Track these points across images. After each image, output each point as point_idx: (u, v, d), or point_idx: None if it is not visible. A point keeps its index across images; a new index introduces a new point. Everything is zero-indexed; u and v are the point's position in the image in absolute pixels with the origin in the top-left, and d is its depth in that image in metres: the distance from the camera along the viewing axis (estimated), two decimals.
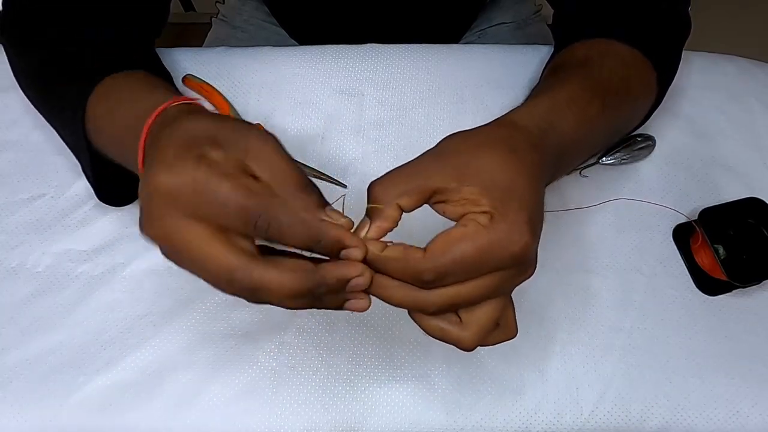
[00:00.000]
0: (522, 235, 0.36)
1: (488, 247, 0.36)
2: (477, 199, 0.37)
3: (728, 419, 0.52)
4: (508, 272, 0.37)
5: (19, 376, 0.52)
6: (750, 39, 1.62)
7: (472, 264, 0.36)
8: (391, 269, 0.37)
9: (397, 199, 0.38)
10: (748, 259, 0.54)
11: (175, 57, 0.66)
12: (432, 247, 0.36)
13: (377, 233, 0.38)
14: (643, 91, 0.54)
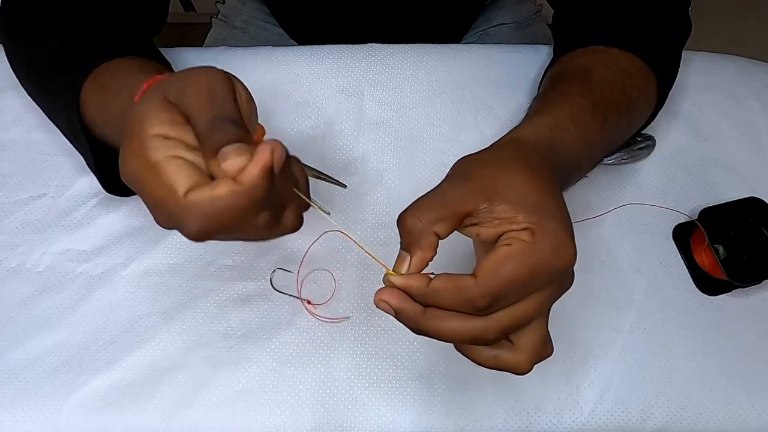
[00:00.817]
0: (567, 247, 0.36)
1: (538, 263, 0.35)
2: (512, 216, 0.36)
3: (728, 419, 0.52)
4: (555, 285, 0.37)
5: (19, 376, 0.52)
6: (750, 39, 1.63)
7: (525, 282, 0.35)
8: (444, 300, 0.36)
9: (433, 227, 0.37)
10: (748, 259, 0.54)
11: (175, 57, 0.66)
12: (481, 271, 0.35)
13: (419, 265, 0.37)
14: (643, 100, 0.54)
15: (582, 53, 0.54)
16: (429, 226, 0.37)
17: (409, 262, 0.37)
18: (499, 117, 0.64)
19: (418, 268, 0.37)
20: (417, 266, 0.37)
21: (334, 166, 0.61)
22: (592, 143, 0.48)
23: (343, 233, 0.43)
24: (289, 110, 0.64)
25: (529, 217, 0.36)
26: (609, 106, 0.49)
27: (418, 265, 0.37)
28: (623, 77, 0.52)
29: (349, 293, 0.55)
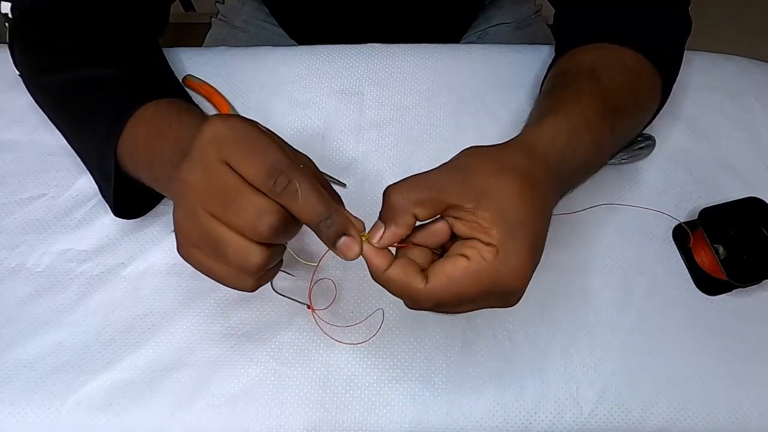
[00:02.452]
0: (524, 272, 0.37)
1: (492, 284, 0.37)
2: (488, 227, 0.37)
3: (728, 419, 0.52)
4: (499, 300, 0.39)
5: (19, 376, 0.52)
6: (750, 39, 1.62)
7: (471, 298, 0.37)
8: (393, 290, 0.38)
9: (413, 208, 0.38)
10: (748, 259, 0.54)
11: (175, 57, 0.66)
12: (433, 279, 0.37)
13: (390, 239, 0.38)
14: (649, 99, 0.54)
15: (588, 50, 0.53)
16: (410, 206, 0.38)
17: (382, 233, 0.38)
18: (499, 117, 0.64)
19: (389, 241, 0.38)
20: (388, 240, 0.38)
21: (334, 166, 0.61)
22: (602, 146, 0.48)
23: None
24: (289, 110, 0.64)
25: (501, 236, 0.37)
26: (618, 108, 0.49)
27: (390, 239, 0.38)
28: (631, 77, 0.52)
29: (349, 292, 0.55)
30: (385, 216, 0.39)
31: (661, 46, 0.54)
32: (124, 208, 0.53)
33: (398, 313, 0.54)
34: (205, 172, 0.35)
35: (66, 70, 0.52)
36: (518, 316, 0.55)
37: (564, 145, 0.44)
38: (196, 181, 0.36)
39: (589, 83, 0.50)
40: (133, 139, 0.47)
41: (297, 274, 0.54)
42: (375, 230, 0.39)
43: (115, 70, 0.52)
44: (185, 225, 0.37)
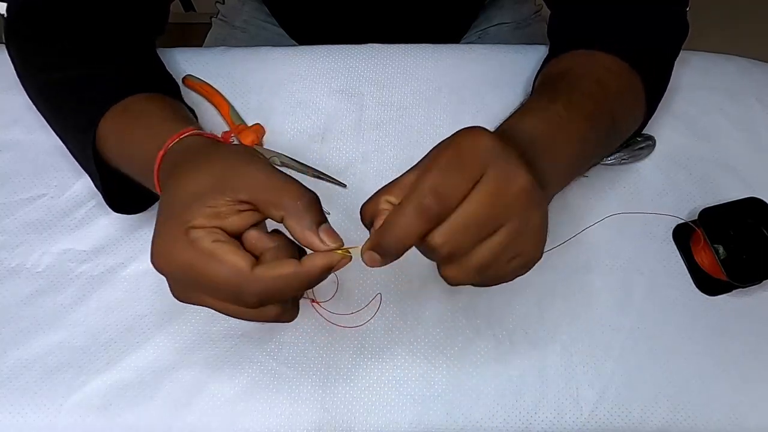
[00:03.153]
0: (519, 171, 0.36)
1: (455, 146, 0.37)
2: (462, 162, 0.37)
3: (728, 419, 0.52)
4: (496, 172, 0.36)
5: (18, 376, 0.51)
6: (750, 39, 1.62)
7: (455, 167, 0.36)
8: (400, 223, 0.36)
9: (383, 195, 0.39)
10: (748, 259, 0.54)
11: (175, 57, 0.66)
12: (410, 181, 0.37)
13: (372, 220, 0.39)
14: (628, 94, 0.54)
15: (564, 58, 0.55)
16: (379, 197, 0.39)
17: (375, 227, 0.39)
18: (499, 117, 0.63)
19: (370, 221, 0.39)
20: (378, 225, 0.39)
21: (334, 166, 0.61)
22: (560, 121, 0.47)
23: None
24: (289, 110, 0.64)
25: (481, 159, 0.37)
26: (574, 91, 0.49)
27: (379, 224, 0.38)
28: (599, 72, 0.52)
29: (350, 293, 0.55)
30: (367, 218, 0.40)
31: (641, 49, 0.54)
32: (123, 203, 0.53)
33: (398, 313, 0.54)
34: (183, 293, 0.39)
35: (57, 69, 0.52)
36: (518, 316, 0.55)
37: (514, 121, 0.46)
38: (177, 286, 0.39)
39: (552, 83, 0.52)
40: (111, 135, 0.48)
41: None
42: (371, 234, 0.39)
43: (101, 67, 0.52)
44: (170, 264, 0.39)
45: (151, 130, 0.46)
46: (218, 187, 0.38)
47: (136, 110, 0.49)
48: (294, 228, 0.38)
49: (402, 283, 0.56)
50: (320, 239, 0.38)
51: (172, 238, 0.37)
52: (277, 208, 0.38)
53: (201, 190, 0.38)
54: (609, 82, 0.52)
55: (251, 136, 0.60)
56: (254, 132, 0.61)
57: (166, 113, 0.48)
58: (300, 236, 0.38)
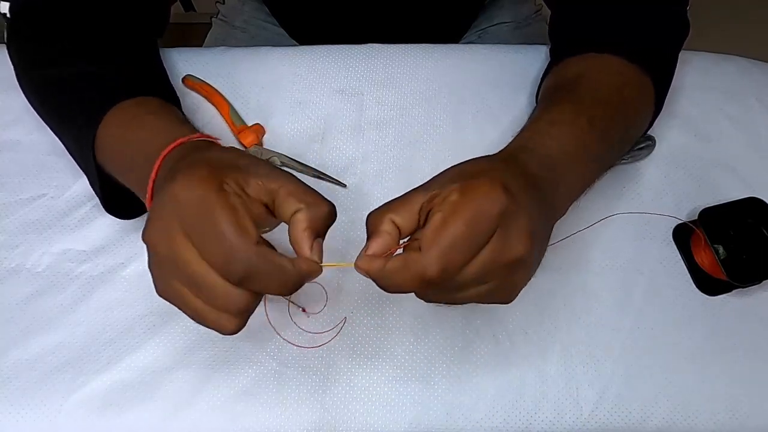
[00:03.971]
0: (496, 192, 0.37)
1: (471, 213, 0.36)
2: (450, 188, 0.38)
3: (728, 419, 0.52)
4: (501, 234, 0.37)
5: (19, 376, 0.51)
6: (750, 39, 1.62)
7: (466, 236, 0.36)
8: (398, 279, 0.38)
9: (388, 214, 0.39)
10: (748, 259, 0.54)
11: (175, 57, 0.66)
12: (423, 241, 0.37)
13: (376, 248, 0.39)
14: (639, 98, 0.54)
15: (573, 62, 0.54)
16: (385, 215, 0.39)
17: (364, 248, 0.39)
18: (499, 117, 0.64)
19: (375, 251, 0.39)
20: (374, 250, 0.39)
21: (334, 166, 0.61)
22: (583, 139, 0.47)
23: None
24: (289, 110, 0.64)
25: (459, 181, 0.38)
26: (596, 103, 0.50)
27: (375, 249, 0.39)
28: (613, 77, 0.52)
29: (350, 293, 0.55)
30: (368, 232, 0.40)
31: (648, 49, 0.54)
32: (117, 207, 0.53)
33: (399, 313, 0.54)
34: (168, 247, 0.36)
35: (57, 68, 0.52)
36: (518, 316, 0.55)
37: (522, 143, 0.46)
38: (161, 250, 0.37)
39: (566, 93, 0.52)
40: (105, 144, 0.48)
41: None
42: (363, 249, 0.40)
43: (102, 67, 0.51)
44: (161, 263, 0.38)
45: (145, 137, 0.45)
46: (252, 168, 0.38)
47: (134, 113, 0.48)
48: (299, 223, 0.38)
49: None
50: (310, 248, 0.38)
51: (207, 177, 0.36)
52: (299, 200, 0.38)
53: (235, 161, 0.38)
54: (624, 89, 0.52)
55: (251, 136, 0.60)
56: (254, 132, 0.61)
57: (169, 117, 0.48)
58: (299, 235, 0.38)
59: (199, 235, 0.35)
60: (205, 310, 0.38)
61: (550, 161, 0.45)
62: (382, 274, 0.38)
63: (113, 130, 0.48)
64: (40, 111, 0.55)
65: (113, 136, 0.48)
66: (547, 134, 0.47)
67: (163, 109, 0.50)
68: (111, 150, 0.48)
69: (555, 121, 0.48)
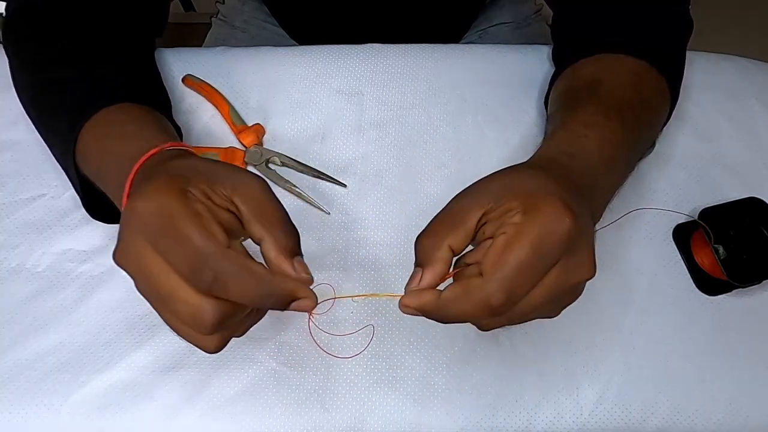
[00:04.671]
0: (561, 214, 0.35)
1: (537, 238, 0.34)
2: (507, 205, 0.36)
3: (728, 419, 0.52)
4: (566, 259, 0.36)
5: (19, 376, 0.52)
6: (750, 39, 1.63)
7: (532, 263, 0.34)
8: (460, 309, 0.36)
9: (445, 241, 0.37)
10: (748, 259, 0.54)
11: (175, 57, 0.66)
12: (486, 267, 0.35)
13: (432, 280, 0.37)
14: (657, 97, 0.54)
15: (587, 63, 0.54)
16: (441, 241, 0.37)
17: (420, 277, 0.37)
18: (499, 117, 0.64)
19: (431, 283, 0.37)
20: (429, 281, 0.37)
21: (334, 166, 0.61)
22: (616, 142, 0.47)
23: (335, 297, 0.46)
24: (289, 110, 0.64)
25: (520, 201, 0.36)
26: (622, 105, 0.49)
27: (431, 281, 0.37)
28: (631, 78, 0.52)
29: (350, 293, 0.55)
30: (420, 260, 0.38)
31: (661, 49, 0.54)
32: (101, 212, 0.53)
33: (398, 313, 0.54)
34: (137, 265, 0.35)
35: (50, 69, 0.51)
36: None
37: (567, 147, 0.45)
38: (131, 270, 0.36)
39: (588, 93, 0.50)
40: (85, 151, 0.47)
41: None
42: (413, 278, 0.38)
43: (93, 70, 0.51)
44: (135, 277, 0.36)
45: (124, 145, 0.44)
46: (218, 177, 0.37)
47: (116, 120, 0.47)
48: (269, 252, 0.37)
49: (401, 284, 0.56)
50: (293, 267, 0.37)
51: (165, 186, 0.35)
52: (262, 227, 0.36)
53: (199, 169, 0.37)
54: (643, 89, 0.51)
55: (251, 136, 0.60)
56: (254, 132, 0.61)
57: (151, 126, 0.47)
58: (274, 263, 0.37)
59: (164, 245, 0.34)
60: (182, 330, 0.37)
61: (592, 166, 0.44)
62: (439, 305, 0.36)
63: (94, 137, 0.47)
64: (29, 112, 0.55)
65: (93, 143, 0.47)
66: (585, 137, 0.45)
67: (145, 117, 0.49)
68: (90, 157, 0.47)
69: (588, 123, 0.47)
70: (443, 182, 0.60)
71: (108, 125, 0.47)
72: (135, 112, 0.48)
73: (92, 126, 0.47)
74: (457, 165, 0.61)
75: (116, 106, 0.48)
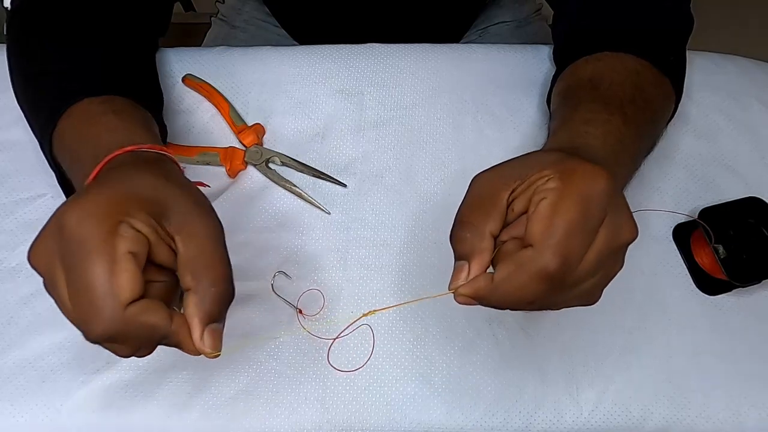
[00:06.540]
0: (597, 173, 0.35)
1: (580, 198, 0.34)
2: (539, 174, 0.35)
3: (728, 419, 0.52)
4: (612, 215, 0.35)
5: (19, 375, 0.51)
6: (750, 39, 1.63)
7: (581, 223, 0.34)
8: (516, 286, 0.34)
9: (486, 227, 0.36)
10: (748, 258, 0.54)
11: (175, 57, 0.66)
12: (533, 235, 0.34)
13: (480, 271, 0.36)
14: (659, 93, 0.54)
15: (588, 62, 0.54)
16: (482, 229, 0.36)
17: (468, 268, 0.36)
18: (499, 117, 0.64)
19: (479, 272, 0.36)
20: (476, 270, 0.36)
21: (334, 166, 0.61)
22: (619, 137, 0.47)
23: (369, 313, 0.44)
24: (289, 110, 0.64)
25: (552, 169, 0.35)
26: (624, 102, 0.49)
27: (477, 270, 0.36)
28: (632, 75, 0.51)
29: (350, 293, 0.55)
30: (463, 253, 0.37)
31: (662, 47, 0.54)
32: None
33: (398, 313, 0.54)
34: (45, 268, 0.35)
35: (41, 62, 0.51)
36: (518, 316, 0.55)
37: (568, 142, 0.44)
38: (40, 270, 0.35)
39: (588, 91, 0.50)
40: (63, 139, 0.46)
41: (295, 271, 0.54)
42: (458, 272, 0.37)
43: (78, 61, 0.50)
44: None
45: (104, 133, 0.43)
46: (168, 209, 0.35)
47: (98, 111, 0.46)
48: (188, 307, 0.35)
49: (401, 285, 0.56)
50: (201, 336, 0.35)
51: (103, 209, 0.33)
52: (193, 278, 0.35)
53: (158, 195, 0.35)
54: (645, 88, 0.51)
55: (251, 136, 0.60)
56: (254, 132, 0.61)
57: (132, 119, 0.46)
58: (190, 321, 0.35)
59: (69, 278, 0.33)
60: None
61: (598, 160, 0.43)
62: (495, 286, 0.35)
63: (71, 126, 0.46)
64: (21, 106, 0.54)
65: (71, 132, 0.46)
66: (587, 133, 0.45)
67: (130, 111, 0.47)
68: (66, 146, 0.46)
69: (590, 120, 0.46)
70: (443, 182, 0.60)
71: (89, 115, 0.46)
72: (119, 105, 0.47)
73: (70, 115, 0.46)
74: (457, 165, 0.61)
75: (101, 97, 0.47)
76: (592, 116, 0.47)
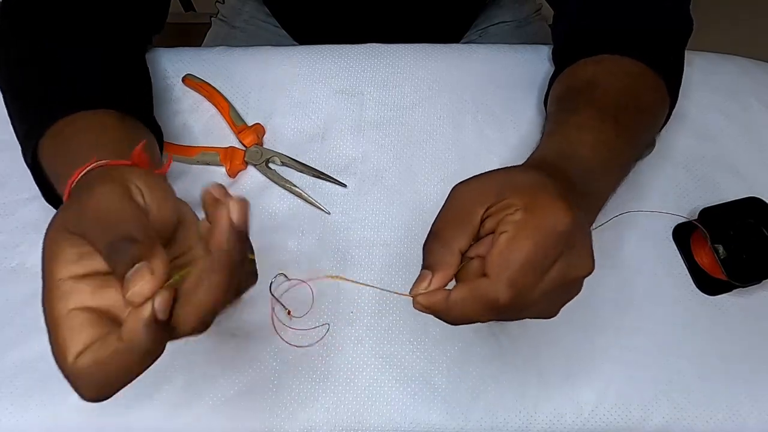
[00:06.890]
0: (561, 209, 0.35)
1: (539, 235, 0.35)
2: (507, 203, 0.36)
3: (728, 419, 0.52)
4: (567, 254, 0.36)
5: (19, 376, 0.51)
6: (750, 39, 1.63)
7: (535, 260, 0.35)
8: (468, 309, 0.36)
9: (454, 243, 0.37)
10: (748, 258, 0.54)
11: (175, 57, 0.66)
12: (490, 266, 0.35)
13: (442, 284, 0.37)
14: (654, 99, 0.54)
15: (585, 65, 0.54)
16: (451, 245, 0.37)
17: (431, 279, 0.37)
18: (499, 117, 0.64)
19: (440, 286, 0.37)
20: (439, 285, 0.37)
21: (334, 166, 0.61)
22: (611, 145, 0.47)
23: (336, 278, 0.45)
24: (289, 110, 0.64)
25: (519, 198, 0.36)
26: (618, 109, 0.49)
27: (440, 284, 0.37)
28: (628, 81, 0.52)
29: (350, 293, 0.55)
30: (429, 263, 0.38)
31: (660, 50, 0.54)
32: None
33: (398, 313, 0.54)
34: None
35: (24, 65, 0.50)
36: None
37: (558, 150, 0.45)
38: None
39: (584, 95, 0.51)
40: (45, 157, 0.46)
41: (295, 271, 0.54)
42: (421, 280, 0.38)
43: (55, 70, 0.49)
44: None
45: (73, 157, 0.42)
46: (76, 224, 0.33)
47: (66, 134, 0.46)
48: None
49: (401, 285, 0.56)
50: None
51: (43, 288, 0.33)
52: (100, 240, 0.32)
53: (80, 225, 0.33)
54: (640, 92, 0.52)
55: (251, 136, 0.60)
56: (254, 132, 0.61)
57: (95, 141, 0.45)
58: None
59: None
60: None
61: (587, 169, 0.44)
62: (447, 306, 0.36)
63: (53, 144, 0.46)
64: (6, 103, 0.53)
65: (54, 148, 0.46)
66: (579, 141, 0.46)
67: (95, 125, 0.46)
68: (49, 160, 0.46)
69: (583, 127, 0.47)
70: (443, 182, 0.60)
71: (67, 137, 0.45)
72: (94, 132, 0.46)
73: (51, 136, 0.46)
74: (457, 165, 0.61)
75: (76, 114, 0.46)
76: (586, 122, 0.48)
